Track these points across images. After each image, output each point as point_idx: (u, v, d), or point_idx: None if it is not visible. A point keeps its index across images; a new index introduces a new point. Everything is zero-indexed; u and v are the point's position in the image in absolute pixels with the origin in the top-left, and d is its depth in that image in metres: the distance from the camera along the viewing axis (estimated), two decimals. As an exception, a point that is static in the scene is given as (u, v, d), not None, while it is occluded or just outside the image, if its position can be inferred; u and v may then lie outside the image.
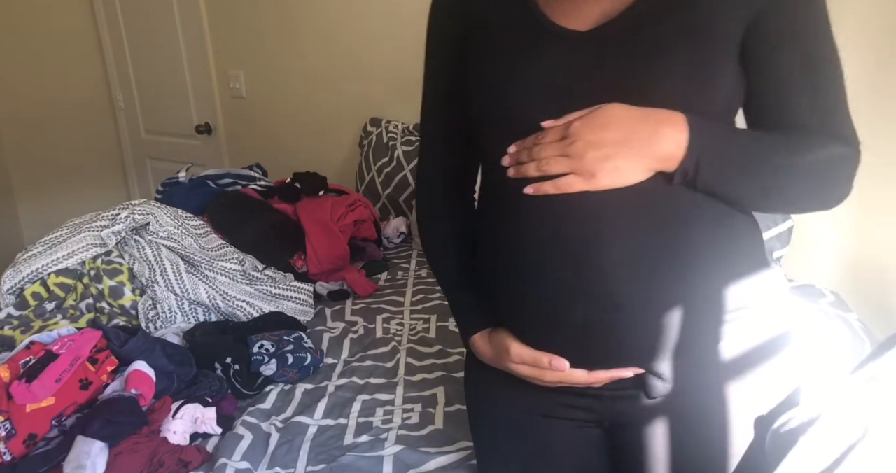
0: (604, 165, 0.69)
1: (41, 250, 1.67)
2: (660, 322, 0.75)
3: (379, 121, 2.67)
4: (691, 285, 0.75)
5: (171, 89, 3.40)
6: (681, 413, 0.81)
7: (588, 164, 0.70)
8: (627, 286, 0.74)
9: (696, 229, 0.75)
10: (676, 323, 0.76)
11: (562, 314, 0.77)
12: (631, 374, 0.79)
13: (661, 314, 0.75)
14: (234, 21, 3.07)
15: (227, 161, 3.34)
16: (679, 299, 0.75)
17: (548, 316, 0.79)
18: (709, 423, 0.81)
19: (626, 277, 0.73)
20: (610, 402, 0.84)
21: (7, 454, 1.12)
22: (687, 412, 0.81)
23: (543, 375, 0.81)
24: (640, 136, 0.69)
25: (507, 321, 0.85)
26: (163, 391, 1.29)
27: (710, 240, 0.76)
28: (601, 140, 0.69)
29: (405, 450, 1.15)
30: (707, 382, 0.80)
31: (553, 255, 0.76)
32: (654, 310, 0.75)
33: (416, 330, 1.67)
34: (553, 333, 0.79)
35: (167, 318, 1.64)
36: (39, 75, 3.64)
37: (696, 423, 0.81)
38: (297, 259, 2.01)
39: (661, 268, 0.74)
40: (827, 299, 1.64)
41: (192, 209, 2.02)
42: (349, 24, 2.70)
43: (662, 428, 0.82)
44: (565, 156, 0.71)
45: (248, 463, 1.13)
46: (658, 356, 0.78)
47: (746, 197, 0.76)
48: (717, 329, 0.78)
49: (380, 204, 2.51)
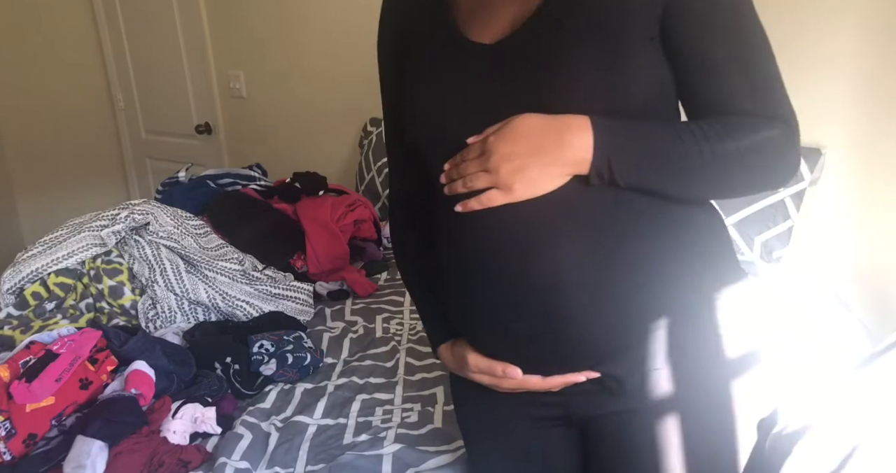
0: (518, 177, 0.70)
1: (41, 250, 1.67)
2: (605, 327, 0.75)
3: (379, 121, 2.67)
4: (636, 287, 0.75)
5: (171, 89, 3.40)
6: (641, 411, 0.81)
7: (504, 178, 0.71)
8: (567, 295, 0.74)
9: (633, 230, 0.75)
10: (623, 327, 0.76)
11: (506, 325, 0.78)
12: (584, 379, 0.79)
13: (606, 319, 0.75)
14: (234, 21, 3.07)
15: (227, 161, 3.34)
16: (624, 302, 0.75)
17: (493, 327, 0.80)
18: (668, 420, 0.80)
19: (567, 286, 0.73)
20: (572, 401, 0.84)
21: (7, 454, 1.12)
22: (648, 409, 0.81)
23: (500, 383, 0.83)
24: (547, 145, 0.69)
25: (461, 331, 0.88)
26: (163, 391, 1.29)
27: (652, 240, 0.75)
28: (513, 152, 0.70)
29: (404, 449, 1.15)
30: (664, 381, 0.79)
31: (495, 268, 0.77)
32: (597, 316, 0.75)
33: (416, 330, 1.67)
34: (500, 343, 0.81)
35: (167, 318, 1.64)
36: (39, 75, 3.64)
37: (656, 420, 0.81)
38: (297, 259, 2.01)
39: (603, 273, 0.74)
40: (827, 299, 1.64)
41: (192, 209, 2.02)
42: (349, 23, 2.70)
43: (625, 426, 0.82)
44: (485, 171, 0.72)
45: (248, 463, 1.13)
46: (608, 360, 0.78)
47: (679, 189, 0.74)
48: (669, 328, 0.78)
49: (380, 204, 2.51)
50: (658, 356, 0.78)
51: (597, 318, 0.75)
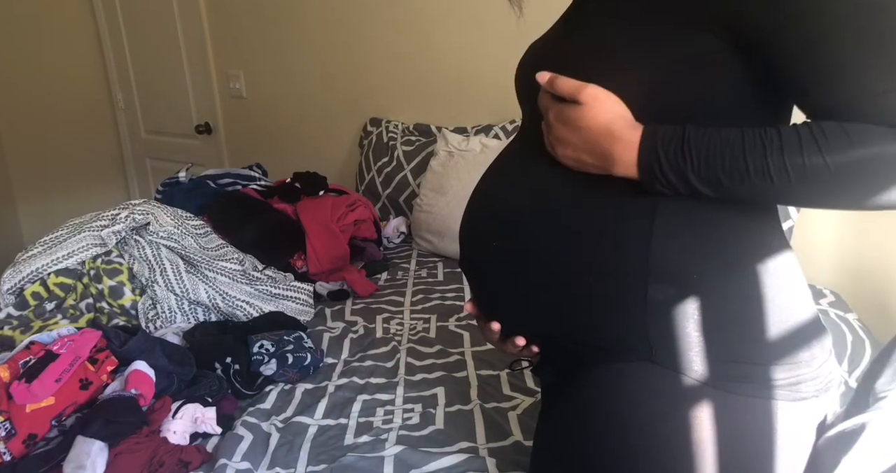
0: (568, 160, 0.72)
1: (41, 250, 1.67)
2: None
3: (379, 121, 2.67)
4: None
5: (171, 89, 3.40)
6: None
7: (557, 151, 0.73)
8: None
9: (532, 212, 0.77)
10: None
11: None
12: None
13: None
14: (234, 21, 3.07)
15: (227, 161, 3.35)
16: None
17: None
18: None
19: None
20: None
21: (7, 454, 1.12)
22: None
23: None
24: (598, 152, 0.69)
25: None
26: (163, 391, 1.29)
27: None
28: (567, 140, 0.71)
29: (406, 451, 1.15)
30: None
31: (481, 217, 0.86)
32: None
33: (416, 330, 1.67)
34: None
35: (167, 318, 1.64)
36: (40, 75, 3.64)
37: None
38: (297, 259, 2.01)
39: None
40: (827, 299, 1.64)
41: (192, 209, 2.01)
42: (349, 24, 2.71)
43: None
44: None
45: (249, 463, 1.13)
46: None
47: (753, 200, 0.68)
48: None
49: (380, 204, 2.51)
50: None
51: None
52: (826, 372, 0.73)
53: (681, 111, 0.68)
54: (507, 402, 1.32)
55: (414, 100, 2.63)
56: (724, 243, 0.71)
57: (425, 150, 2.42)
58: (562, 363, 0.83)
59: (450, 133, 2.31)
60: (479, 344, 1.56)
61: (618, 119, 0.68)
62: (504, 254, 0.80)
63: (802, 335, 0.72)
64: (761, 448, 0.71)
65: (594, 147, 0.69)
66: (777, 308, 0.71)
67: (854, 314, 1.59)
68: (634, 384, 0.73)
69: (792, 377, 0.70)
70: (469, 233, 0.88)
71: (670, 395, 0.71)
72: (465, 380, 1.41)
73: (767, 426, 0.70)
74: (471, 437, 1.21)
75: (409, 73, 2.61)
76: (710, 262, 0.71)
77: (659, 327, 0.71)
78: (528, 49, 0.88)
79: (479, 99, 2.40)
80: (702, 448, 0.70)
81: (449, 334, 1.64)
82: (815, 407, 0.73)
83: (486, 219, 0.84)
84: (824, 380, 0.73)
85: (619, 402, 0.74)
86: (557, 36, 0.83)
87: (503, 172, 0.85)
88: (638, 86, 0.69)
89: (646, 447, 0.72)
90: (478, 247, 0.86)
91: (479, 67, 2.37)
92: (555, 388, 0.86)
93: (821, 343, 0.73)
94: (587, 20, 0.78)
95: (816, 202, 0.63)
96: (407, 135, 2.56)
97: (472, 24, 2.35)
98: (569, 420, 0.80)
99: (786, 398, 0.70)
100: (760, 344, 0.70)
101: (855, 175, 0.59)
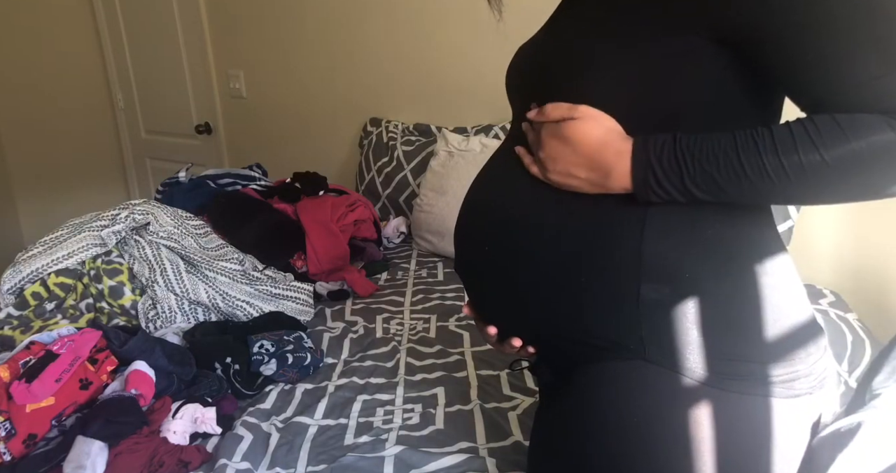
0: (559, 179, 0.73)
1: (41, 250, 1.67)
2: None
3: (379, 121, 2.67)
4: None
5: (171, 89, 3.40)
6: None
7: (547, 168, 0.74)
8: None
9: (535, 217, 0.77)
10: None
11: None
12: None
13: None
14: (234, 21, 3.07)
15: (227, 161, 3.35)
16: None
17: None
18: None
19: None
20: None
21: (7, 454, 1.12)
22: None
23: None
24: (595, 167, 0.70)
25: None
26: (163, 391, 1.29)
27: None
28: (560, 157, 0.72)
29: (406, 451, 1.15)
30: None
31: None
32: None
33: (416, 330, 1.67)
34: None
35: (167, 318, 1.64)
36: (39, 75, 3.64)
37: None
38: (297, 259, 2.01)
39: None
40: (827, 299, 1.64)
41: (192, 209, 2.02)
42: (349, 24, 2.71)
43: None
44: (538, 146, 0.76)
45: (249, 464, 1.13)
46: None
47: (756, 201, 0.68)
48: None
49: (380, 204, 2.51)
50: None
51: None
52: (821, 369, 0.73)
53: (671, 110, 0.69)
54: (506, 402, 1.32)
55: (414, 100, 2.63)
56: (716, 242, 0.71)
57: (425, 150, 2.42)
58: (558, 362, 0.83)
59: (450, 133, 2.31)
60: (479, 344, 1.56)
61: (611, 132, 0.69)
62: (497, 257, 0.80)
63: (796, 332, 0.72)
64: (756, 445, 0.71)
65: (590, 160, 0.69)
66: (771, 305, 0.71)
67: (854, 314, 1.59)
68: (629, 382, 0.73)
69: (786, 374, 0.70)
70: (462, 237, 0.88)
71: (664, 393, 0.71)
72: (465, 380, 1.41)
73: (762, 423, 0.70)
74: (471, 437, 1.21)
75: (408, 73, 2.61)
76: (703, 261, 0.71)
77: (651, 326, 0.71)
78: (518, 51, 0.88)
79: (479, 99, 2.40)
80: (696, 446, 0.70)
81: (449, 334, 1.64)
82: (809, 404, 0.73)
83: (478, 222, 0.84)
84: (819, 377, 0.73)
85: (614, 400, 0.74)
86: (545, 38, 0.84)
87: (494, 175, 0.85)
88: (627, 86, 0.69)
89: (641, 444, 0.72)
90: (471, 251, 0.86)
91: (479, 67, 2.37)
92: (552, 387, 0.86)
93: (815, 340, 0.73)
94: (573, 22, 0.78)
95: (819, 198, 0.63)
96: (407, 135, 2.56)
97: (472, 24, 2.35)
98: (565, 419, 0.80)
99: (780, 395, 0.70)
100: (754, 342, 0.70)
101: (854, 167, 0.59)
